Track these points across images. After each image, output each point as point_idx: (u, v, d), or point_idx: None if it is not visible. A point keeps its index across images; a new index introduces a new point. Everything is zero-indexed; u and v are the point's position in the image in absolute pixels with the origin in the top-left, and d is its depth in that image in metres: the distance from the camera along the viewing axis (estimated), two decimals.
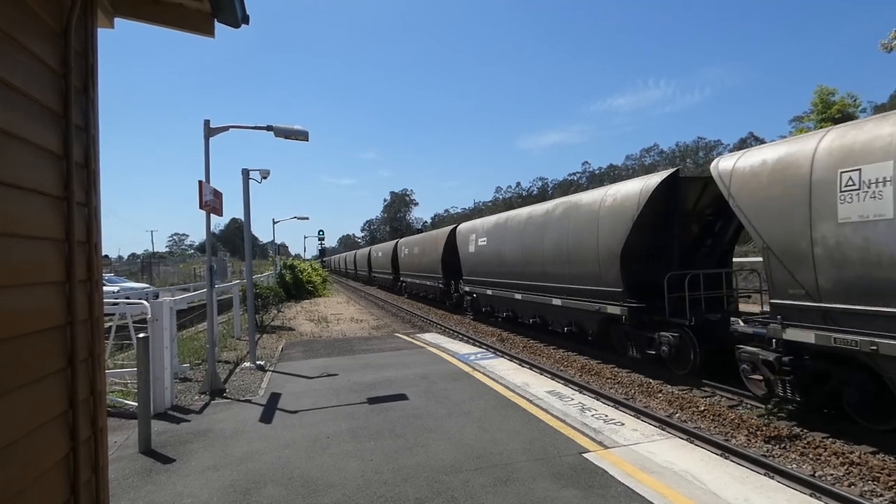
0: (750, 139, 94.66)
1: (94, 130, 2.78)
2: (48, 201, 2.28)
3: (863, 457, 6.18)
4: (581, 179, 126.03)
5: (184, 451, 5.92)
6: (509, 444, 5.73)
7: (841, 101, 24.20)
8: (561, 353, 13.30)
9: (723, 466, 5.16)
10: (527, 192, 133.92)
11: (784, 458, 6.41)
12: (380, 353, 11.92)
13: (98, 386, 2.60)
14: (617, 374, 10.80)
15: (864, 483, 5.67)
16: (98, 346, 2.64)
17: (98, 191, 2.75)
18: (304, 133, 9.68)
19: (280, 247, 40.11)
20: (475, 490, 4.64)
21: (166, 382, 7.61)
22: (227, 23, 3.49)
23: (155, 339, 7.36)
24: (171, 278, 49.68)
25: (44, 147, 2.27)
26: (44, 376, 2.16)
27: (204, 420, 7.16)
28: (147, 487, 4.98)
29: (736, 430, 7.38)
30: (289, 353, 12.44)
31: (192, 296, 13.97)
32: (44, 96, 2.30)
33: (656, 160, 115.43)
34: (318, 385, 8.93)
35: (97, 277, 2.69)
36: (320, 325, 19.16)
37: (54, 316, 2.28)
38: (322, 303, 30.33)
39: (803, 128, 26.11)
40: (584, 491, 4.57)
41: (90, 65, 2.78)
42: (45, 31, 2.35)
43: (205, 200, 8.32)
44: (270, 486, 4.91)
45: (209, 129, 8.94)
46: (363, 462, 5.38)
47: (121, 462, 5.56)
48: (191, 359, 11.13)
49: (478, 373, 9.36)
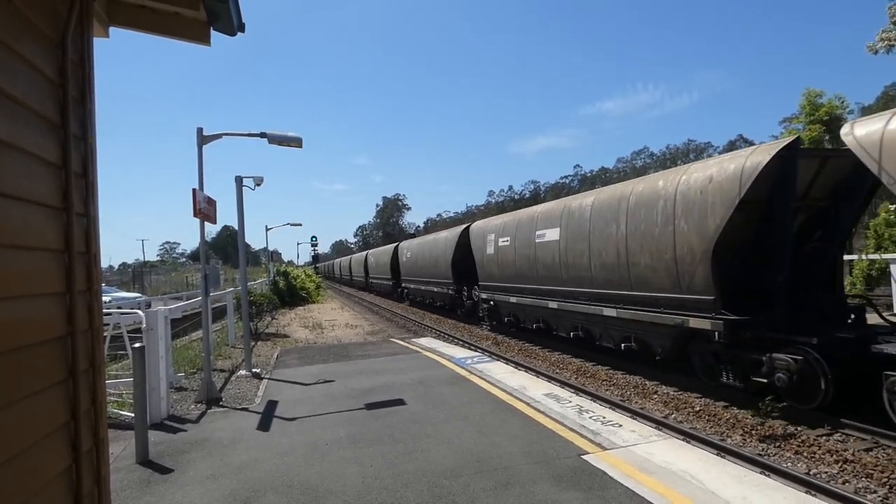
0: (739, 141, 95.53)
1: (92, 140, 2.77)
2: (48, 212, 2.27)
3: (856, 454, 6.24)
4: (573, 182, 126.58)
5: (182, 461, 5.88)
6: (509, 448, 5.73)
7: (829, 104, 24.40)
8: (556, 356, 13.32)
9: (720, 466, 5.20)
10: (519, 195, 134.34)
11: (779, 457, 6.45)
12: (376, 359, 11.90)
13: (99, 397, 2.60)
14: (612, 376, 10.83)
15: (857, 480, 5.71)
16: (98, 357, 2.63)
17: (96, 201, 2.75)
18: (298, 140, 9.68)
19: (273, 253, 40.01)
20: (476, 494, 4.64)
21: (162, 392, 7.57)
22: (223, 31, 3.49)
23: (150, 348, 7.32)
24: (163, 287, 49.37)
25: (43, 157, 2.27)
26: (46, 387, 2.16)
27: (201, 429, 7.12)
28: (146, 498, 4.94)
29: (731, 429, 7.42)
30: (284, 361, 12.39)
31: (187, 304, 13.90)
32: (42, 106, 2.30)
33: (647, 163, 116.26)
34: (314, 392, 8.90)
35: (96, 288, 2.68)
36: (315, 332, 19.09)
37: (55, 327, 2.27)
38: (316, 309, 30.22)
39: (793, 129, 26.31)
40: (585, 493, 4.58)
41: (87, 74, 2.78)
42: (43, 41, 2.35)
43: (199, 208, 8.29)
44: (270, 494, 4.89)
45: (202, 137, 8.93)
46: (363, 468, 5.37)
47: (118, 473, 5.51)
48: (186, 368, 11.07)
49: (474, 376, 9.36)
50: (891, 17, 19.75)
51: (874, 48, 20.33)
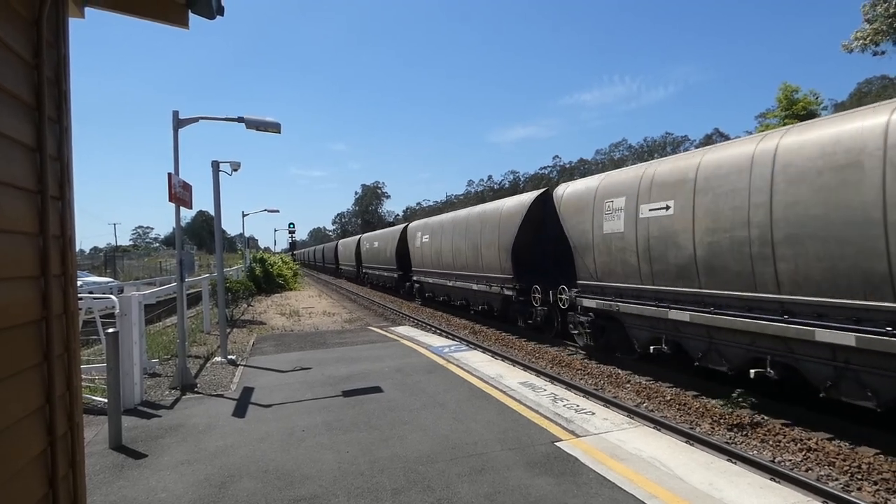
0: (715, 135, 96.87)
1: (67, 122, 2.73)
2: (23, 195, 2.24)
3: (820, 443, 6.47)
4: (552, 173, 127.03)
5: (156, 447, 5.85)
6: (484, 435, 5.82)
7: (804, 99, 24.86)
8: (532, 346, 13.49)
9: (689, 453, 5.35)
10: (499, 185, 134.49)
11: (746, 445, 6.66)
12: (353, 347, 11.91)
13: (74, 381, 2.57)
14: (587, 366, 11.02)
15: (820, 468, 5.93)
16: (74, 341, 2.61)
17: (71, 184, 2.71)
18: (277, 125, 9.58)
19: (249, 240, 39.60)
20: (451, 479, 4.72)
21: (135, 378, 7.50)
22: (201, 14, 3.43)
23: (124, 334, 7.23)
24: (136, 272, 48.50)
25: (17, 139, 2.23)
26: (20, 371, 2.14)
27: (175, 415, 7.08)
28: (119, 483, 4.92)
29: (700, 418, 7.63)
30: (260, 348, 12.34)
31: (161, 290, 13.71)
32: (17, 88, 2.25)
33: (625, 155, 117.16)
34: (291, 379, 8.89)
35: (71, 272, 2.65)
36: (292, 319, 19.00)
37: (30, 310, 2.25)
38: (293, 296, 30.04)
39: (768, 123, 26.73)
40: (557, 478, 4.69)
41: (62, 55, 2.72)
42: (18, 20, 2.30)
43: (174, 192, 8.19)
44: (246, 479, 4.90)
45: (178, 121, 8.78)
46: (339, 454, 5.41)
47: (91, 458, 5.47)
48: (160, 354, 10.95)
49: (452, 365, 9.44)
50: (864, 15, 20.16)
51: (849, 47, 20.74)
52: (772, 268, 7.05)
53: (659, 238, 9.05)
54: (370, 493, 4.52)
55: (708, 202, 8.04)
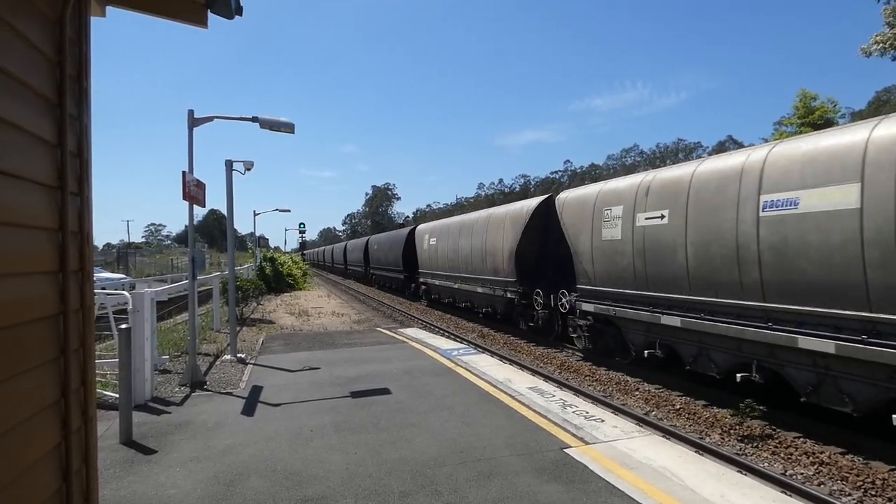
0: (729, 142, 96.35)
1: (87, 119, 2.75)
2: (43, 190, 2.26)
3: (832, 457, 6.37)
4: (563, 178, 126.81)
5: (165, 443, 5.88)
6: (492, 439, 5.80)
7: (822, 107, 24.58)
8: (540, 350, 13.44)
9: (699, 463, 5.30)
10: (509, 188, 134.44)
11: (756, 457, 6.58)
12: (362, 348, 11.93)
13: (89, 376, 2.59)
14: (595, 372, 10.95)
15: (833, 482, 5.84)
16: (89, 337, 2.63)
17: (90, 181, 2.73)
18: (291, 125, 9.63)
19: (260, 239, 39.85)
20: (459, 483, 4.70)
21: (147, 374, 7.54)
22: (220, 13, 3.45)
23: (136, 330, 7.28)
24: (148, 269, 48.82)
25: (39, 136, 2.25)
26: (38, 365, 2.16)
27: (185, 412, 7.11)
28: (129, 478, 4.95)
29: (710, 428, 7.55)
30: (270, 347, 12.38)
31: (173, 287, 13.81)
32: (40, 84, 2.28)
33: (637, 160, 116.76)
34: (300, 378, 8.92)
35: (88, 268, 2.67)
36: (301, 319, 19.06)
37: (48, 305, 2.27)
38: (302, 296, 30.15)
39: (783, 131, 26.50)
40: (566, 485, 4.66)
41: (84, 53, 2.75)
42: (42, 18, 2.33)
43: (188, 191, 8.24)
44: (254, 478, 4.91)
45: (193, 120, 8.84)
46: (347, 455, 5.41)
47: (102, 453, 5.48)
48: (170, 351, 11.02)
49: (460, 368, 9.42)
50: (885, 18, 19.81)
51: (868, 51, 20.40)
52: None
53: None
54: (378, 496, 4.52)
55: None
